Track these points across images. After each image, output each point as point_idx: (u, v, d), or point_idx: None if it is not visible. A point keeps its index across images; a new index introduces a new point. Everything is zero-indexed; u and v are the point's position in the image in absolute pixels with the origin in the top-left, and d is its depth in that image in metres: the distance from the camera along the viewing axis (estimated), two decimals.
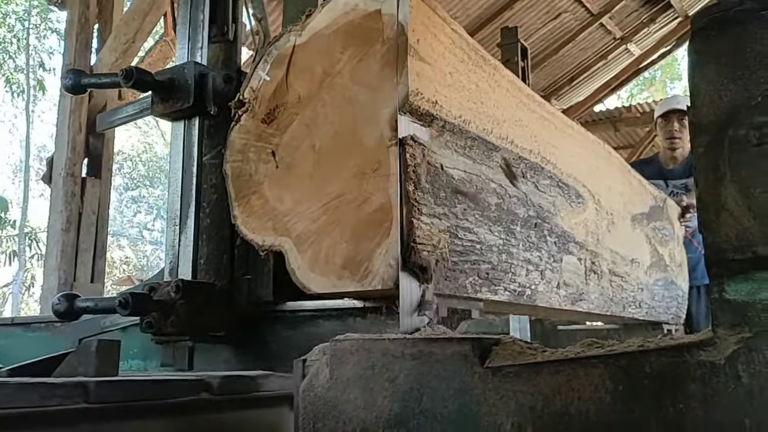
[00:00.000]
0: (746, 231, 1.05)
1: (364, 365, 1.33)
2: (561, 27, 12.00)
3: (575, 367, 1.13)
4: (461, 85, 2.03)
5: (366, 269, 1.80)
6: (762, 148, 1.04)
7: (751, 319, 1.03)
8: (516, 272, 2.27)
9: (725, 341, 1.05)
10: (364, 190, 1.83)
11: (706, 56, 1.14)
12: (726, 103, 1.10)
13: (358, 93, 1.86)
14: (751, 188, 1.04)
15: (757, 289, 1.04)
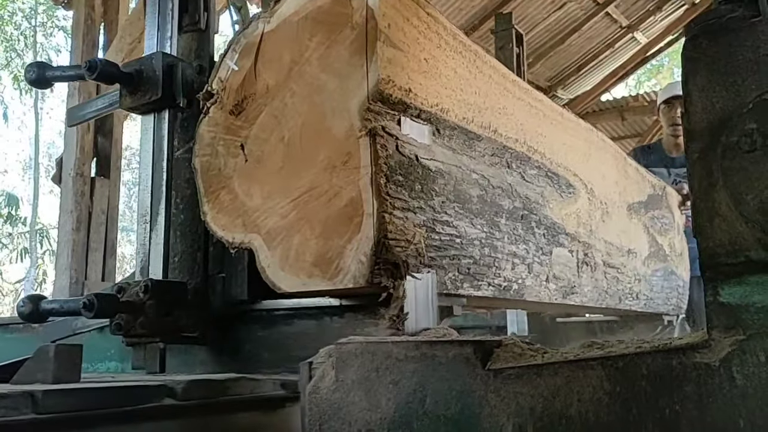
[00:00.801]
0: (739, 236, 1.07)
1: (369, 367, 1.35)
2: (566, 17, 11.88)
3: (574, 369, 1.16)
4: (438, 72, 1.94)
5: (337, 267, 1.72)
6: (753, 154, 1.05)
7: (744, 322, 1.05)
8: (501, 266, 2.18)
9: (720, 343, 1.07)
10: (334, 184, 1.74)
11: (698, 63, 1.16)
12: (719, 109, 1.12)
13: (327, 82, 1.78)
14: (743, 194, 1.06)
15: (750, 293, 1.06)
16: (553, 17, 11.72)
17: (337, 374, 1.38)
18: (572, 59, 13.15)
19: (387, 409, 1.30)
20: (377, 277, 1.67)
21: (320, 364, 1.43)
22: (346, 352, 1.38)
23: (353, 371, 1.36)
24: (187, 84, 2.12)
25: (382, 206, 1.67)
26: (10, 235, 22.74)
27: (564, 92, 13.78)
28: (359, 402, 1.33)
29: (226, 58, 1.96)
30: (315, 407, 1.39)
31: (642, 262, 3.43)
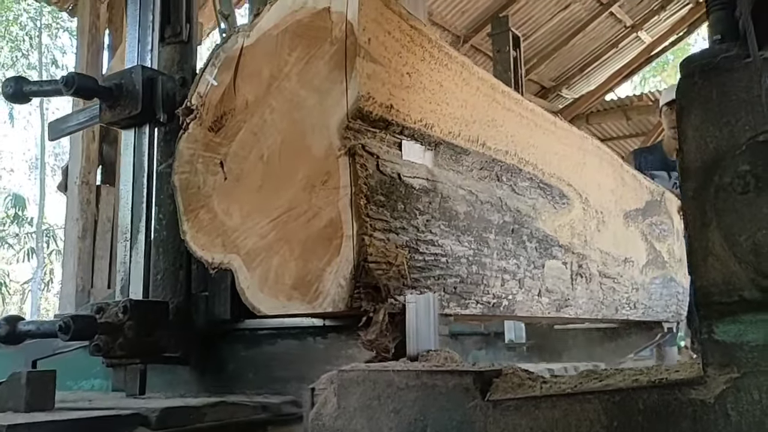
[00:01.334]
0: (732, 275, 1.09)
1: (370, 395, 1.36)
2: (571, 17, 11.83)
3: (572, 402, 1.18)
4: (422, 86, 1.89)
5: (316, 290, 1.67)
6: (746, 196, 1.06)
7: (739, 360, 1.07)
8: (489, 283, 2.13)
9: (715, 380, 1.09)
10: (313, 204, 1.69)
11: (692, 102, 1.17)
12: (712, 149, 1.13)
13: (307, 98, 1.73)
14: (736, 235, 1.07)
15: (744, 331, 1.08)
16: (557, 18, 11.70)
17: (340, 401, 1.40)
18: (576, 59, 13.11)
19: None
20: (357, 301, 1.62)
21: (322, 390, 1.46)
22: (348, 379, 1.40)
23: (355, 398, 1.38)
24: (169, 98, 2.08)
25: (362, 228, 1.62)
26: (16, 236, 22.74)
27: (568, 92, 13.75)
28: (361, 430, 1.35)
29: (206, 73, 1.92)
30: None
31: (640, 271, 3.37)
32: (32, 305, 22.43)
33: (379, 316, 1.66)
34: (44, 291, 22.99)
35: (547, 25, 11.82)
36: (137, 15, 2.15)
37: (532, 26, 11.64)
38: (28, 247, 22.15)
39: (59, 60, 23.93)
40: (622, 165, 3.32)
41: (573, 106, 13.12)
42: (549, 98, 13.64)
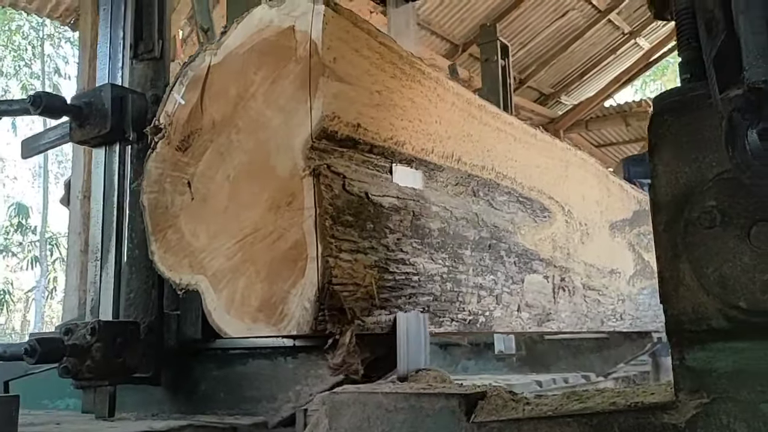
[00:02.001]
0: (701, 305, 1.13)
1: (360, 417, 1.41)
2: (569, 24, 11.85)
3: (552, 425, 1.24)
4: (392, 104, 1.87)
5: (281, 312, 1.65)
6: (713, 230, 1.11)
7: (708, 386, 1.12)
8: (465, 300, 2.11)
9: (686, 405, 1.14)
10: (278, 226, 1.67)
11: (663, 139, 1.21)
12: (682, 185, 1.17)
13: (272, 118, 1.71)
14: (704, 267, 1.12)
15: (713, 359, 1.12)
16: (555, 25, 11.72)
17: (331, 422, 1.45)
18: (575, 66, 13.13)
19: None
20: (321, 324, 1.60)
21: (314, 412, 1.52)
22: (339, 401, 1.45)
23: (346, 420, 1.43)
24: (140, 116, 2.05)
25: (327, 250, 1.60)
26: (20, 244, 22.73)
27: (567, 98, 13.77)
28: None
29: (173, 92, 1.90)
30: None
31: (627, 282, 3.34)
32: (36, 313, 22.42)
33: (345, 339, 1.64)
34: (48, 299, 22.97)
35: (545, 32, 11.85)
36: (108, 32, 2.13)
37: (530, 33, 11.66)
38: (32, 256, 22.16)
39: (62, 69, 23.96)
40: (607, 175, 3.29)
41: (572, 112, 13.12)
42: (548, 104, 13.65)
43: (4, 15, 22.31)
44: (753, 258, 1.09)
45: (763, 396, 1.08)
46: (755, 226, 1.09)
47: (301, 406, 1.93)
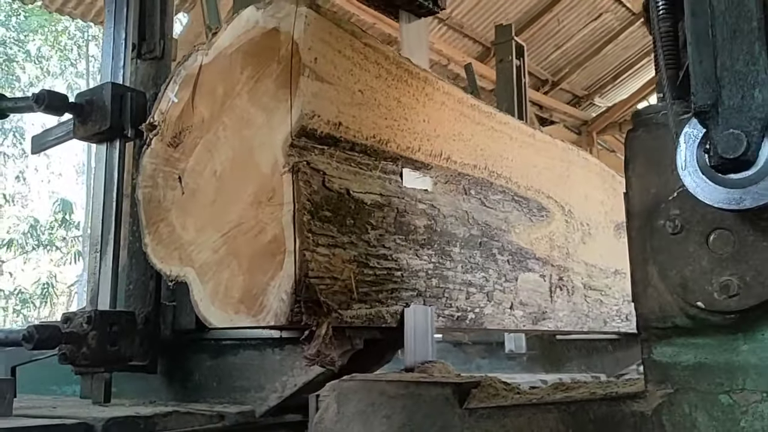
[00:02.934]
0: (667, 305, 1.23)
1: (366, 402, 1.55)
2: (602, 27, 11.80)
3: (535, 411, 1.36)
4: (376, 103, 1.91)
5: (261, 304, 1.71)
6: (676, 236, 1.21)
7: (673, 378, 1.23)
8: (453, 297, 2.14)
9: (653, 395, 1.25)
10: (260, 220, 1.73)
11: (636, 153, 1.31)
12: (652, 195, 1.27)
13: (256, 116, 1.77)
14: (668, 270, 1.22)
15: (678, 353, 1.23)
16: (589, 27, 11.67)
17: (339, 407, 1.58)
18: (609, 68, 13.04)
19: None
20: (298, 315, 1.65)
21: (325, 398, 1.63)
22: (347, 388, 1.59)
23: (353, 405, 1.56)
24: (140, 113, 2.13)
25: (304, 244, 1.65)
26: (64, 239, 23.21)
27: (601, 100, 13.71)
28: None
29: (167, 90, 1.97)
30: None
31: None
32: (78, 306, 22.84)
33: (321, 330, 1.69)
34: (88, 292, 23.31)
35: (579, 35, 11.82)
36: (111, 32, 2.21)
37: (564, 36, 11.65)
38: (75, 251, 22.60)
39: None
40: (614, 176, 3.29)
41: (606, 114, 13.05)
42: (582, 106, 13.60)
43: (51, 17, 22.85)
44: (710, 262, 1.18)
45: (721, 387, 1.18)
46: (713, 233, 1.18)
47: (286, 396, 1.99)
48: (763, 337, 1.18)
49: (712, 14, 1.10)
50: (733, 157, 1.07)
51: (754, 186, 1.08)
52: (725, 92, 1.08)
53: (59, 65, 24.04)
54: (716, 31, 1.10)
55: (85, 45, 24.10)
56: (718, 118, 1.09)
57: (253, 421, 2.00)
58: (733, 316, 1.18)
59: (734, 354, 1.20)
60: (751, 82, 1.07)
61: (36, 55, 22.79)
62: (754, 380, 1.17)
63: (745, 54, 1.08)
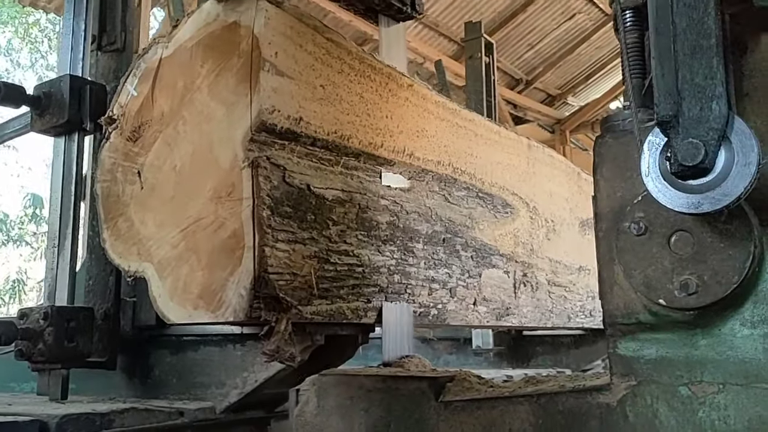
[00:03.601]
0: (631, 302, 1.30)
1: (344, 396, 1.62)
2: (576, 27, 11.92)
3: (507, 404, 1.43)
4: (338, 98, 1.91)
5: (220, 300, 1.69)
6: (640, 238, 1.27)
7: (636, 371, 1.30)
8: (415, 293, 2.14)
9: (617, 387, 1.32)
10: (219, 215, 1.72)
11: (604, 158, 1.37)
12: (618, 198, 1.34)
13: (216, 110, 1.75)
14: (633, 269, 1.28)
15: (641, 347, 1.31)
16: (563, 27, 11.78)
17: (319, 401, 1.64)
18: (582, 68, 13.17)
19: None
20: (257, 311, 1.64)
21: (305, 392, 1.68)
22: (326, 382, 1.65)
23: (332, 398, 1.63)
24: (100, 106, 2.10)
25: (263, 239, 1.64)
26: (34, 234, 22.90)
27: (574, 99, 13.85)
28: (337, 425, 1.60)
29: (127, 83, 1.95)
30: (300, 428, 1.66)
31: None
32: None
33: (280, 326, 1.68)
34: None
35: (553, 34, 11.95)
36: (71, 23, 2.18)
37: (538, 35, 11.75)
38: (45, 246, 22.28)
39: None
40: (579, 173, 3.32)
41: (579, 113, 13.19)
42: (555, 105, 13.73)
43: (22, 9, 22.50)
44: (671, 262, 1.25)
45: (681, 380, 1.26)
46: (674, 235, 1.25)
47: (247, 392, 1.98)
48: (720, 332, 1.24)
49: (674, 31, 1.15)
50: (692, 164, 1.13)
51: (711, 191, 1.13)
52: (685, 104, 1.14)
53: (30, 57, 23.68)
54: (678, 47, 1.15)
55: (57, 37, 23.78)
56: (678, 128, 1.15)
57: (213, 417, 1.99)
58: (692, 313, 1.24)
59: (693, 348, 1.26)
60: (709, 95, 1.13)
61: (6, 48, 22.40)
62: (711, 373, 1.23)
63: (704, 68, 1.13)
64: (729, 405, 1.22)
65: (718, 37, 1.14)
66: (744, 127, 1.14)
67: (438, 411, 1.49)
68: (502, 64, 12.50)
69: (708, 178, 1.14)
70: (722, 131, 1.13)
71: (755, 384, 1.20)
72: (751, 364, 1.22)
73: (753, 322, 1.23)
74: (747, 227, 1.20)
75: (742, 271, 1.20)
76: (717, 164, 1.14)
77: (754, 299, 1.23)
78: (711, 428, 1.23)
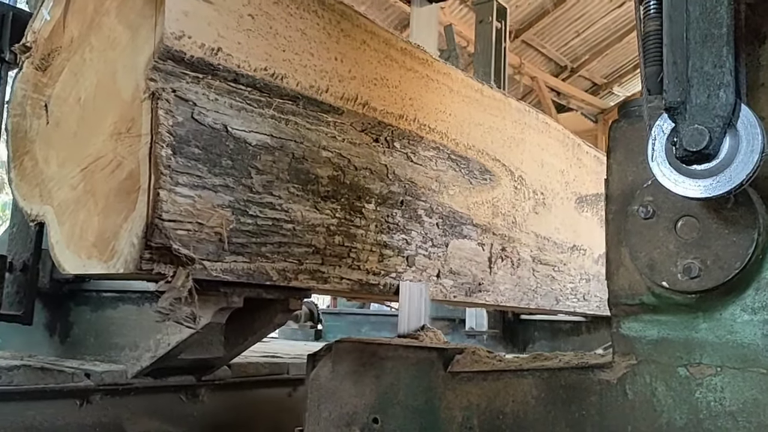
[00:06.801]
0: (636, 283, 1.33)
1: (358, 363, 1.66)
2: (625, 15, 11.45)
3: (511, 376, 1.47)
4: (272, 32, 1.69)
5: (113, 249, 1.50)
6: (647, 221, 1.30)
7: (637, 350, 1.33)
8: (361, 258, 1.93)
9: (618, 365, 1.34)
10: (118, 154, 1.52)
11: (618, 142, 1.40)
12: (629, 181, 1.36)
13: (121, 35, 1.55)
14: (638, 252, 1.30)
15: (643, 328, 1.33)
16: (612, 15, 11.38)
17: (334, 366, 1.70)
18: (630, 57, 12.73)
19: (369, 397, 1.63)
20: (148, 263, 1.44)
21: (321, 357, 1.73)
22: (342, 348, 1.70)
23: (346, 364, 1.68)
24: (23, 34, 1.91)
25: (159, 182, 1.44)
26: None
27: (620, 89, 13.49)
28: (349, 389, 1.66)
29: (42, 7, 1.75)
30: (315, 391, 1.71)
31: (595, 261, 3.11)
32: None
33: (177, 281, 1.48)
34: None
35: (601, 22, 11.55)
36: None
37: (585, 22, 11.39)
38: None
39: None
40: (579, 145, 3.05)
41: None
42: (600, 95, 13.41)
43: None
44: (676, 246, 1.26)
45: (680, 361, 1.28)
46: (681, 220, 1.27)
47: (160, 356, 1.79)
48: (720, 317, 1.27)
49: (688, 19, 1.17)
50: (696, 150, 1.13)
51: (714, 177, 1.15)
52: (694, 91, 1.15)
53: None
54: (690, 35, 1.16)
55: None
56: (685, 114, 1.16)
57: (123, 382, 1.81)
58: (694, 296, 1.26)
59: (693, 331, 1.29)
60: (717, 82, 1.14)
61: None
62: (710, 355, 1.26)
63: (713, 57, 1.14)
64: (725, 387, 1.24)
65: (730, 27, 1.14)
66: (750, 115, 1.14)
67: (445, 381, 1.54)
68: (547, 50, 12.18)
69: (712, 164, 1.15)
70: (728, 119, 1.13)
71: (752, 368, 1.23)
72: (749, 348, 1.24)
73: (754, 308, 1.25)
74: (752, 215, 1.21)
75: (744, 257, 1.21)
76: (721, 151, 1.14)
77: (756, 286, 1.25)
78: (706, 409, 1.25)
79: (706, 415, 1.25)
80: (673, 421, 1.27)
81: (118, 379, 1.79)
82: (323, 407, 1.68)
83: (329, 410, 1.67)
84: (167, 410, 1.99)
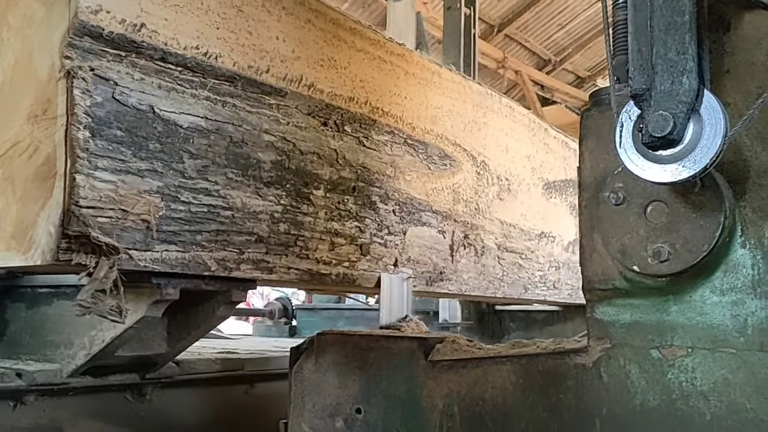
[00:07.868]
0: (608, 269, 1.36)
1: (341, 354, 1.69)
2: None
3: (490, 364, 1.51)
4: (204, 8, 1.60)
5: (30, 239, 1.40)
6: (618, 207, 1.32)
7: (611, 334, 1.36)
8: (309, 246, 1.84)
9: (593, 350, 1.37)
10: (35, 138, 1.42)
11: (589, 130, 1.43)
12: (601, 169, 1.40)
13: (37, 11, 1.45)
14: (610, 237, 1.33)
15: (617, 312, 1.37)
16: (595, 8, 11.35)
17: (317, 358, 1.72)
18: None
19: (352, 388, 1.66)
20: (66, 253, 1.35)
21: (305, 350, 1.75)
22: (325, 341, 1.73)
23: (330, 356, 1.71)
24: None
25: (76, 166, 1.35)
26: None
27: (604, 81, 13.47)
28: (332, 381, 1.69)
29: None
30: (299, 384, 1.74)
31: (564, 248, 3.03)
32: None
33: (100, 272, 1.39)
34: None
35: (584, 15, 11.55)
36: None
37: (568, 15, 11.36)
38: None
39: None
40: (547, 130, 2.97)
41: None
42: (584, 88, 13.46)
43: None
44: (646, 231, 1.30)
45: (652, 343, 1.32)
46: (650, 205, 1.30)
47: (94, 354, 1.70)
48: (690, 299, 1.30)
49: (652, 8, 1.19)
50: (661, 135, 1.16)
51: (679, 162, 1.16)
52: (658, 78, 1.18)
53: None
54: (654, 23, 1.19)
55: None
56: (651, 101, 1.18)
57: (58, 382, 1.72)
58: (664, 280, 1.29)
59: (665, 314, 1.32)
60: (680, 69, 1.17)
61: None
62: (681, 337, 1.30)
63: (677, 44, 1.17)
64: (696, 368, 1.28)
65: (692, 14, 1.17)
66: (713, 100, 1.16)
67: (426, 370, 1.57)
68: (530, 44, 12.13)
69: (677, 149, 1.17)
70: (692, 105, 1.16)
71: (722, 348, 1.26)
72: (718, 329, 1.27)
73: (722, 289, 1.27)
74: (719, 199, 1.24)
75: (711, 240, 1.23)
76: (686, 136, 1.17)
77: (725, 268, 1.27)
78: (678, 389, 1.28)
79: (679, 396, 1.28)
80: (647, 402, 1.31)
81: (51, 379, 1.70)
82: (307, 399, 1.72)
83: (313, 402, 1.71)
84: (111, 411, 1.91)
